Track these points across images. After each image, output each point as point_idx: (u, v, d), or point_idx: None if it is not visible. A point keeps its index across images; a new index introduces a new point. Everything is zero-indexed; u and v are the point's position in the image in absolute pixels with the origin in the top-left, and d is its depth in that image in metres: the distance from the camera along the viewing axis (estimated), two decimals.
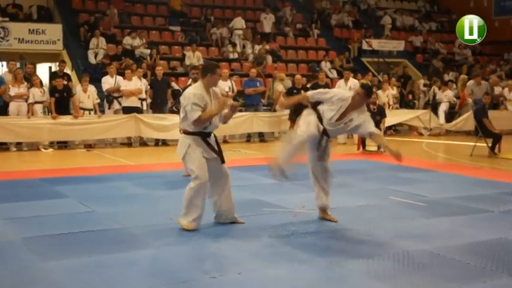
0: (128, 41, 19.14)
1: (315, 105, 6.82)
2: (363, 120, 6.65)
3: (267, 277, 5.00)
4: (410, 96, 19.70)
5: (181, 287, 4.76)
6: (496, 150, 13.29)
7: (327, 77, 20.89)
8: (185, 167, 6.59)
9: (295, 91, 15.47)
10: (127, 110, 14.63)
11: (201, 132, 6.40)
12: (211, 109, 6.36)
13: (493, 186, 9.30)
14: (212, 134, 6.53)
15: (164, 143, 15.05)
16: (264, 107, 16.89)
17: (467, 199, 8.19)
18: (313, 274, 5.09)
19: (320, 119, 6.69)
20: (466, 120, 17.10)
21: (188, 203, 6.39)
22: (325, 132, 6.73)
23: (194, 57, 19.12)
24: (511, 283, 4.89)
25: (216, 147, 6.47)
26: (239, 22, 22.13)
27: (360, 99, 6.62)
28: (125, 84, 14.71)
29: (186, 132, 6.45)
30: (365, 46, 23.86)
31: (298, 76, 16.26)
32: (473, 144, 13.50)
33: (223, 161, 6.49)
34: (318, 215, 7.01)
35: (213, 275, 4.99)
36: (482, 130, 13.36)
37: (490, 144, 13.28)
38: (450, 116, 18.78)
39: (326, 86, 16.07)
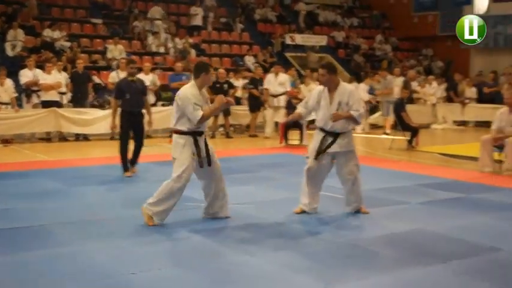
0: (47, 33, 18.62)
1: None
2: (352, 100, 6.78)
3: (187, 272, 4.99)
4: None
5: (102, 283, 4.70)
6: (414, 144, 13.67)
7: (251, 71, 21.02)
8: (174, 164, 6.45)
9: (218, 85, 15.47)
10: (46, 104, 14.28)
11: (194, 132, 6.39)
12: (212, 106, 6.46)
13: (410, 178, 9.55)
14: (204, 134, 6.53)
15: (85, 137, 14.76)
16: None
17: (385, 191, 8.39)
18: (234, 268, 5.11)
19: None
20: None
21: (162, 198, 6.35)
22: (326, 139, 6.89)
23: (116, 50, 18.80)
24: (427, 273, 5.04)
25: (204, 148, 6.45)
26: (156, 11, 21.90)
27: (327, 78, 6.81)
28: (44, 78, 14.34)
29: (178, 132, 6.42)
30: (288, 41, 24.08)
31: (221, 70, 16.24)
32: (392, 137, 13.84)
33: (209, 164, 6.46)
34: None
35: (133, 271, 4.94)
36: (400, 124, 13.71)
37: (408, 138, 13.64)
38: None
39: (261, 80, 16.18)
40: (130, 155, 9.58)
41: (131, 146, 9.60)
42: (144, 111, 9.73)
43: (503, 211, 7.36)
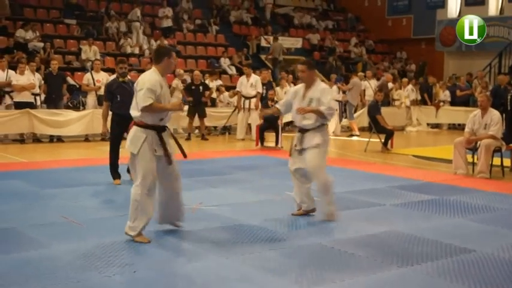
0: (20, 33, 18.43)
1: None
2: (323, 97, 6.79)
3: (162, 275, 4.96)
4: None
5: (75, 286, 4.65)
6: (389, 146, 13.76)
7: (226, 73, 21.04)
8: (133, 165, 5.96)
9: (193, 87, 15.44)
10: (19, 105, 14.11)
11: (157, 126, 5.92)
12: (165, 104, 5.95)
13: (385, 180, 9.61)
14: (167, 128, 6.11)
15: (59, 139, 14.64)
16: None
17: (360, 193, 8.43)
18: (209, 270, 5.09)
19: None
20: (360, 116, 17.62)
21: (136, 210, 5.82)
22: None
23: (91, 51, 18.68)
24: (400, 274, 5.08)
25: (166, 144, 5.96)
26: (136, 13, 21.88)
27: (307, 74, 6.87)
28: (16, 79, 14.17)
29: (140, 125, 5.90)
30: (263, 43, 24.12)
31: (196, 72, 16.20)
32: (367, 140, 13.92)
33: (169, 163, 5.97)
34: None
35: (107, 273, 4.90)
36: (375, 126, 13.79)
37: (382, 140, 13.72)
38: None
39: (269, 84, 16.11)
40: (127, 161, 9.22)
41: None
42: None
43: (476, 213, 7.43)
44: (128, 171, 8.82)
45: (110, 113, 9.17)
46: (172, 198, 6.17)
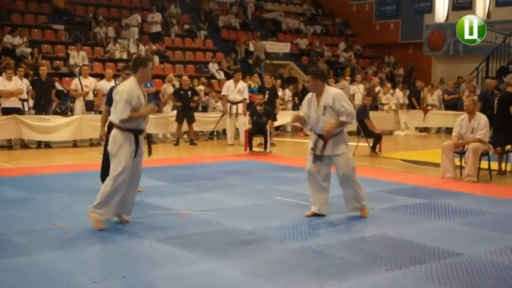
0: (8, 39, 18.38)
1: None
2: (337, 104, 6.94)
3: (152, 280, 4.96)
4: (296, 99, 20.07)
5: None
6: (377, 150, 13.80)
7: (215, 78, 21.05)
8: (112, 161, 6.48)
9: (182, 92, 15.43)
10: (7, 111, 14.04)
11: (134, 129, 6.45)
12: (141, 111, 6.45)
13: (373, 184, 9.61)
14: (141, 133, 6.63)
15: (47, 145, 14.58)
16: None
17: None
18: (199, 275, 5.09)
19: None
20: None
21: (107, 197, 6.38)
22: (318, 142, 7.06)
23: (79, 56, 18.65)
24: (389, 277, 5.09)
25: (139, 144, 6.54)
26: (134, 19, 21.92)
27: (313, 84, 7.04)
28: (4, 85, 14.10)
29: (119, 128, 6.43)
30: (252, 48, 24.14)
31: (185, 77, 16.19)
32: (356, 144, 13.95)
33: (135, 156, 6.50)
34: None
35: (96, 279, 4.88)
36: (363, 130, 13.83)
37: (371, 144, 13.76)
38: None
39: (272, 88, 16.15)
40: None
41: None
42: None
43: (463, 216, 7.47)
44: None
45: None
46: (129, 190, 6.60)
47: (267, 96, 15.67)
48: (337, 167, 7.13)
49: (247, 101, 15.55)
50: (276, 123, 15.99)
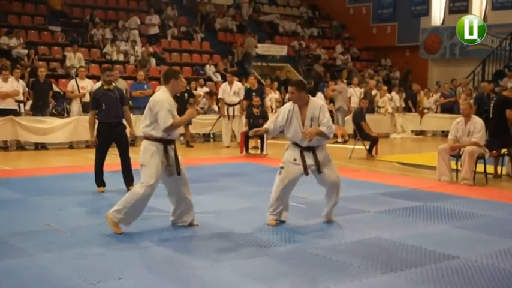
0: (4, 40, 18.37)
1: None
2: (321, 115, 6.82)
3: (147, 282, 4.95)
4: None
5: None
6: (373, 153, 13.80)
7: (211, 80, 21.04)
8: (141, 170, 6.43)
9: (178, 94, 15.35)
10: (3, 113, 13.99)
11: (165, 139, 6.41)
12: (182, 117, 6.53)
13: (370, 187, 9.64)
14: (174, 143, 6.56)
15: (44, 146, 14.55)
16: None
17: (345, 200, 8.39)
18: (195, 278, 5.08)
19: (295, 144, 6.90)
20: (345, 123, 17.67)
21: (130, 208, 6.30)
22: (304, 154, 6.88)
23: (75, 58, 18.63)
24: (385, 280, 5.10)
25: (174, 157, 6.46)
26: (134, 21, 21.92)
27: (297, 96, 6.83)
28: (0, 86, 14.07)
29: (150, 138, 6.40)
30: (249, 50, 24.13)
31: (181, 79, 16.15)
32: (352, 147, 13.97)
33: (179, 173, 6.49)
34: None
35: (91, 281, 4.88)
36: (360, 133, 13.84)
37: (367, 147, 13.77)
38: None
39: (259, 90, 16.00)
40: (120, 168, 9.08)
41: (114, 160, 9.15)
42: (125, 121, 9.21)
43: (460, 219, 7.48)
44: (126, 183, 8.84)
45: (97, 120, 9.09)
46: (179, 202, 6.68)
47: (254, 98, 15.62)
48: (326, 175, 6.95)
49: (244, 102, 15.48)
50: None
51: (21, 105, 14.58)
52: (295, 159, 6.87)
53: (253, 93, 15.27)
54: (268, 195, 7.23)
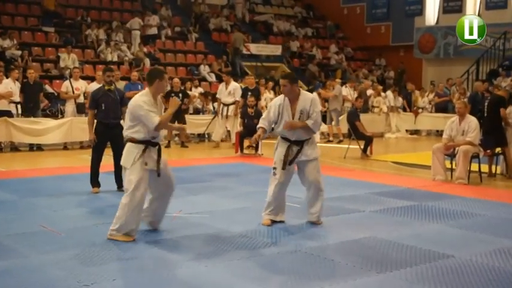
0: None
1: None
2: (312, 109, 6.81)
3: (142, 283, 4.94)
4: None
5: None
6: (368, 152, 13.81)
7: (206, 80, 21.03)
8: (125, 175, 6.28)
9: (173, 94, 15.38)
10: None
11: (149, 142, 6.21)
12: (167, 111, 6.27)
13: (364, 186, 9.65)
14: (158, 145, 6.34)
15: (39, 147, 14.51)
16: None
17: (339, 200, 8.45)
18: (189, 278, 5.08)
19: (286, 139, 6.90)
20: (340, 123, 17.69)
21: (122, 216, 6.10)
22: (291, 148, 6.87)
23: (69, 59, 18.57)
24: (380, 280, 5.10)
25: (155, 159, 6.23)
26: (135, 22, 21.94)
27: (289, 88, 6.79)
28: None
29: (132, 141, 6.19)
30: (243, 50, 24.14)
31: (176, 79, 16.17)
32: (347, 146, 13.97)
33: (158, 175, 6.23)
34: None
35: (86, 282, 4.87)
36: (354, 133, 13.85)
37: (362, 147, 13.78)
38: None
39: (256, 90, 15.99)
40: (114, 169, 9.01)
41: (109, 161, 9.09)
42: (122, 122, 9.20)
43: (454, 219, 7.49)
44: (118, 184, 8.82)
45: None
46: (157, 201, 6.48)
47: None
48: (307, 172, 6.92)
49: (240, 102, 15.45)
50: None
51: (18, 106, 14.45)
52: (286, 156, 6.88)
53: (249, 93, 15.25)
54: (263, 195, 7.24)
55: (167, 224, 6.81)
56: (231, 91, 15.54)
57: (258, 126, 7.17)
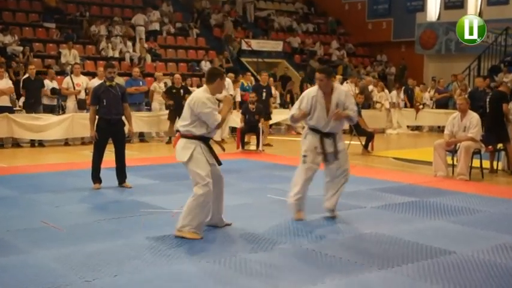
0: None
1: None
2: (347, 101, 6.97)
3: (143, 278, 4.94)
4: (288, 97, 20.15)
5: None
6: (369, 148, 13.81)
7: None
8: (190, 171, 6.25)
9: (174, 90, 15.39)
10: None
11: (204, 137, 6.32)
12: (223, 108, 6.54)
13: (366, 183, 9.63)
14: (209, 140, 6.45)
15: (40, 143, 14.52)
16: (146, 107, 16.74)
17: (341, 196, 8.41)
18: (190, 274, 5.08)
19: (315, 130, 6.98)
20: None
21: (196, 213, 6.13)
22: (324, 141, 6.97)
23: (70, 55, 18.58)
24: (381, 276, 5.09)
25: (210, 152, 6.36)
26: (140, 18, 21.95)
27: (326, 83, 6.90)
28: None
29: (189, 136, 6.28)
30: (244, 46, 24.13)
31: (177, 75, 16.16)
32: (348, 142, 13.95)
33: (220, 163, 6.45)
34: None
35: (87, 278, 4.87)
36: (356, 129, 13.83)
37: (363, 143, 13.77)
38: None
39: (268, 87, 16.02)
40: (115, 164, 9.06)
41: (110, 157, 9.08)
42: (125, 118, 9.17)
43: (456, 215, 7.48)
44: (119, 180, 8.84)
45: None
46: (217, 199, 6.54)
47: (264, 94, 15.64)
48: (339, 163, 7.04)
49: (253, 96, 15.42)
50: (270, 122, 16.00)
51: (17, 101, 14.48)
52: (315, 147, 6.98)
53: (264, 90, 15.27)
54: (265, 192, 7.26)
55: (168, 220, 6.82)
56: (224, 85, 15.48)
57: (290, 113, 7.28)
